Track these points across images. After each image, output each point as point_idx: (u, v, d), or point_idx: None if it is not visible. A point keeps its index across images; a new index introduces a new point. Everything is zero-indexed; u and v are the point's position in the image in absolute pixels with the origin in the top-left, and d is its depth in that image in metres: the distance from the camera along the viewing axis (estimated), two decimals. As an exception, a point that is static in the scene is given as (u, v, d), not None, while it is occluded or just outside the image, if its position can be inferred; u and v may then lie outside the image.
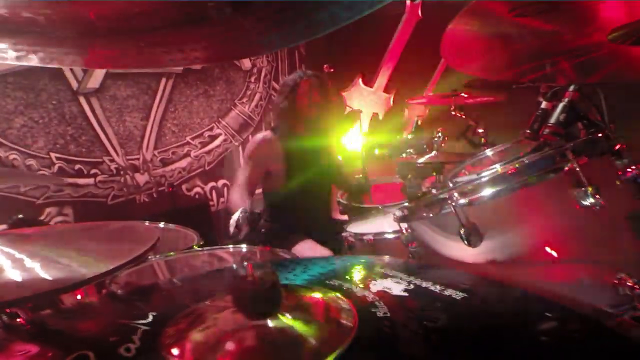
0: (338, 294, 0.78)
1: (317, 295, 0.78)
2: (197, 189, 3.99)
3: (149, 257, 1.67)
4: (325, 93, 2.58)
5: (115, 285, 1.46)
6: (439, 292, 0.79)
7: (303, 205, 2.58)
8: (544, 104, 1.49)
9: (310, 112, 2.53)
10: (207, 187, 4.06)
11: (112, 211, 3.32)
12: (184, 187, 3.89)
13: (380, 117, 5.12)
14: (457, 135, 3.20)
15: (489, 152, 1.88)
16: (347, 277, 0.91)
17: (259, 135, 2.64)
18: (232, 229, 1.98)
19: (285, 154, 2.55)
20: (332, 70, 3.75)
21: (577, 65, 1.41)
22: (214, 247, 1.85)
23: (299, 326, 0.67)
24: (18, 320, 0.85)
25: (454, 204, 1.21)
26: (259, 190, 2.81)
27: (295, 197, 2.55)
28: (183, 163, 3.88)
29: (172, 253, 1.77)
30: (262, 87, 4.55)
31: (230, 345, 0.63)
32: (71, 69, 3.12)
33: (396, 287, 0.82)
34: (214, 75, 4.10)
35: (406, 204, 1.45)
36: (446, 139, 2.77)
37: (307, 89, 2.52)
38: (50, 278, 0.74)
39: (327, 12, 0.76)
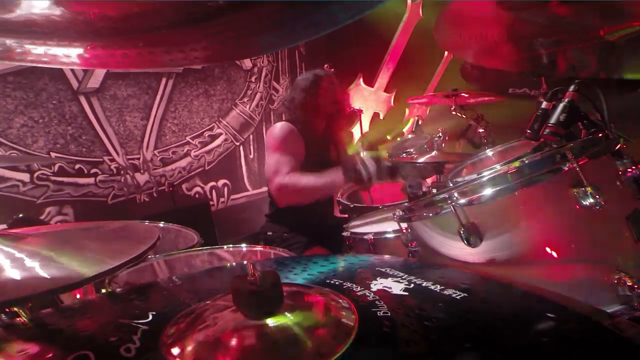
0: (338, 293, 0.78)
1: (318, 294, 0.78)
2: (197, 189, 4.00)
3: (149, 256, 1.67)
4: (342, 91, 2.66)
5: (114, 284, 1.46)
6: (439, 291, 0.79)
7: (311, 203, 2.56)
8: (544, 104, 1.49)
9: (332, 107, 2.56)
10: (207, 187, 4.06)
11: (112, 211, 3.32)
12: (184, 186, 3.89)
13: (381, 117, 5.13)
14: (458, 135, 3.21)
15: (489, 152, 1.89)
16: (347, 276, 0.91)
17: (282, 124, 2.54)
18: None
19: (305, 147, 2.54)
20: (332, 70, 3.75)
21: (575, 54, 1.40)
22: (214, 246, 1.85)
23: (299, 325, 0.67)
24: (18, 319, 0.85)
25: (453, 203, 1.21)
26: (263, 189, 2.80)
27: None
28: (183, 163, 3.88)
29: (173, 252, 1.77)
30: (262, 87, 4.55)
31: (230, 345, 0.63)
32: (71, 69, 3.12)
33: (396, 287, 0.82)
34: (214, 75, 4.10)
35: (406, 204, 1.46)
36: (446, 138, 2.77)
37: (329, 85, 2.56)
38: (49, 277, 0.74)
39: (327, 12, 0.76)
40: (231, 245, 1.83)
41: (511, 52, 1.48)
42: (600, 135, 1.20)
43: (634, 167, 1.18)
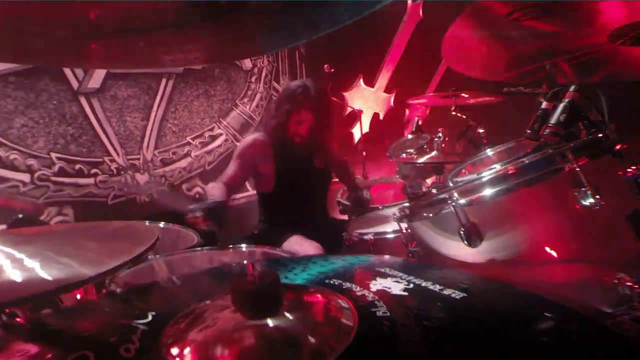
0: (338, 294, 0.78)
1: (317, 294, 0.78)
2: (198, 189, 3.99)
3: (149, 256, 1.67)
4: (319, 105, 2.46)
5: (114, 284, 1.46)
6: (438, 291, 0.79)
7: (296, 208, 2.57)
8: (544, 104, 1.48)
9: (299, 129, 2.45)
10: (208, 187, 4.06)
11: (112, 211, 3.32)
12: (184, 187, 3.89)
13: (381, 117, 5.13)
14: (458, 135, 3.20)
15: (489, 152, 1.88)
16: (347, 276, 0.91)
17: (250, 137, 2.64)
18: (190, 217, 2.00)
19: (275, 156, 2.54)
20: (332, 70, 3.75)
21: (577, 66, 1.41)
22: (214, 247, 1.84)
23: (298, 325, 0.67)
24: (17, 320, 0.85)
25: (454, 204, 1.21)
26: (254, 192, 2.82)
27: (289, 199, 2.55)
28: (183, 163, 3.88)
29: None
30: (262, 87, 4.55)
31: (230, 345, 0.63)
32: (72, 69, 3.12)
33: (396, 287, 0.82)
34: (214, 75, 4.10)
35: (406, 204, 1.46)
36: (446, 139, 2.77)
37: (299, 104, 2.42)
38: (50, 278, 0.74)
39: (327, 12, 0.76)
40: (231, 246, 1.83)
41: (512, 66, 1.49)
42: (600, 135, 1.20)
43: (634, 167, 1.18)
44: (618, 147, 1.20)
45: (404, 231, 1.56)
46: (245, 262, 1.59)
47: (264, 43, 0.96)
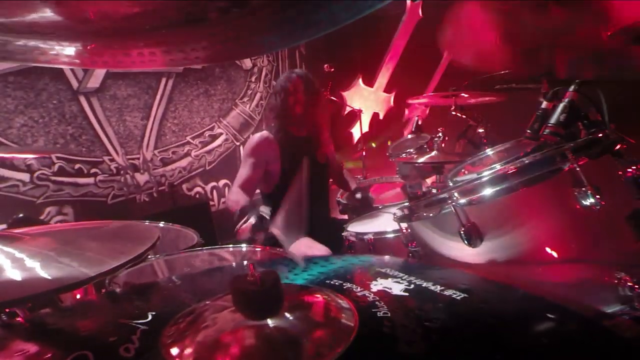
0: (338, 294, 0.78)
1: (318, 295, 0.78)
2: (198, 189, 3.99)
3: (149, 256, 1.67)
4: (311, 89, 2.64)
5: (114, 284, 1.46)
6: (439, 292, 0.79)
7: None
8: (544, 104, 1.49)
9: (296, 109, 2.58)
10: (208, 187, 4.06)
11: (112, 211, 3.32)
12: (184, 186, 3.88)
13: (381, 117, 5.12)
14: (458, 135, 3.20)
15: (489, 152, 1.88)
16: (347, 277, 0.91)
17: (257, 135, 2.65)
18: (247, 235, 2.02)
19: (281, 153, 2.56)
20: (332, 70, 3.75)
21: (579, 60, 1.40)
22: (214, 246, 1.84)
23: (299, 326, 0.67)
24: (17, 319, 0.85)
25: (454, 203, 1.21)
26: (257, 191, 2.81)
27: None
28: (183, 163, 3.88)
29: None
30: (262, 87, 4.54)
31: (230, 345, 0.63)
32: (71, 69, 3.12)
33: (396, 287, 0.82)
34: (214, 75, 4.10)
35: (406, 204, 1.46)
36: (446, 138, 2.76)
37: (293, 88, 2.59)
38: (50, 278, 0.74)
39: (327, 12, 0.76)
40: (231, 245, 1.83)
41: (513, 58, 1.48)
42: (600, 135, 1.20)
43: (634, 167, 1.18)
44: (618, 147, 1.20)
45: (404, 231, 1.57)
46: (245, 262, 1.59)
47: (264, 43, 0.95)
